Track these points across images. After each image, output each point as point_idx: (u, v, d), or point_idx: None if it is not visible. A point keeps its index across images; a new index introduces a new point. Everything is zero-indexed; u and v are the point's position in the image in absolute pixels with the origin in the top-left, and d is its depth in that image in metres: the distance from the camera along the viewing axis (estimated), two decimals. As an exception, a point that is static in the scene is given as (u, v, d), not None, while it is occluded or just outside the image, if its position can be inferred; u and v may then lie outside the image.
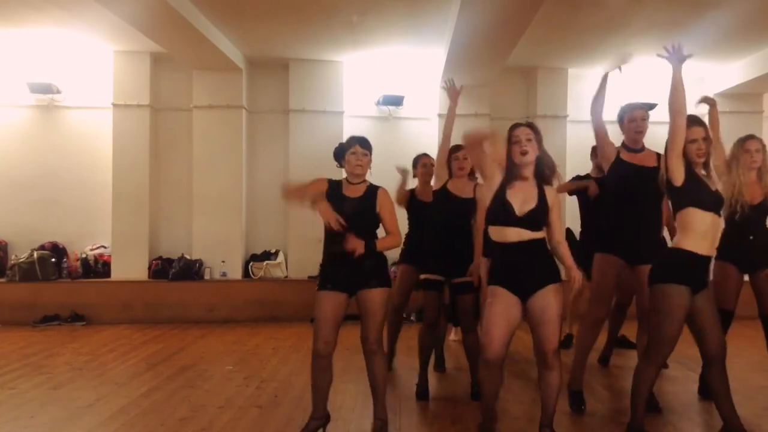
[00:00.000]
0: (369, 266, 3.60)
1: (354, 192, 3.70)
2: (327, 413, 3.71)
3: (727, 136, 4.50)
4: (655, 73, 8.87)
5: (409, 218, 5.42)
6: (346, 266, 3.58)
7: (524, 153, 3.34)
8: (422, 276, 4.68)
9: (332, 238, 3.62)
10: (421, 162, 5.41)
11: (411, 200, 5.42)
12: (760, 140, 4.32)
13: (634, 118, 4.32)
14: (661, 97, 9.47)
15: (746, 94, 8.88)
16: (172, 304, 8.07)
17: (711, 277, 3.62)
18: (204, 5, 6.53)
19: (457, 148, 4.65)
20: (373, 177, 3.85)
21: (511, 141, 3.38)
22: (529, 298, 3.32)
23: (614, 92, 8.92)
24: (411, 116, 8.86)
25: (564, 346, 6.33)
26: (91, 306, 7.93)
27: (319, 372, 3.60)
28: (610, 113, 9.87)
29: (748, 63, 8.22)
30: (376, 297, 3.61)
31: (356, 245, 3.48)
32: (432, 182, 5.11)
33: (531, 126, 3.43)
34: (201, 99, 8.38)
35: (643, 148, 4.34)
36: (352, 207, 3.64)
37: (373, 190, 3.71)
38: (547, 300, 3.29)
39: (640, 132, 4.31)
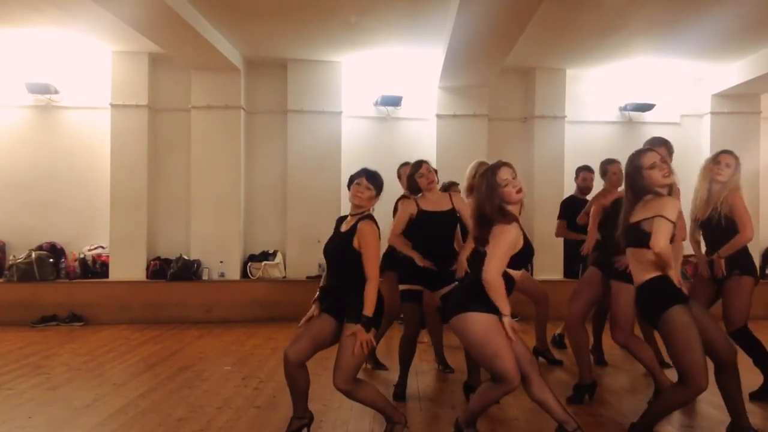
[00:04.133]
0: (355, 303, 3.46)
1: (347, 226, 3.63)
2: (310, 413, 3.71)
3: (726, 137, 4.57)
4: (653, 74, 8.91)
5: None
6: (334, 298, 3.58)
7: (520, 191, 3.36)
8: (402, 287, 4.67)
9: (329, 271, 3.69)
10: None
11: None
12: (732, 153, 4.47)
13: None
14: (658, 97, 9.50)
15: (745, 95, 8.88)
16: (171, 304, 8.07)
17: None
18: (202, 6, 6.53)
19: (418, 164, 4.64)
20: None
21: (500, 183, 3.33)
22: None
23: (614, 92, 9.05)
24: (409, 117, 8.86)
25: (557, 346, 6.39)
26: (90, 306, 7.92)
27: (288, 378, 3.57)
28: (609, 114, 9.82)
29: (746, 63, 8.22)
30: (350, 332, 3.43)
31: (362, 338, 3.38)
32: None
33: (508, 164, 3.41)
34: (199, 99, 8.38)
35: None
36: (333, 243, 3.62)
37: (357, 224, 3.55)
38: None
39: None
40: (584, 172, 6.38)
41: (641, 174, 3.37)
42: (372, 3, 6.41)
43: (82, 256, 8.30)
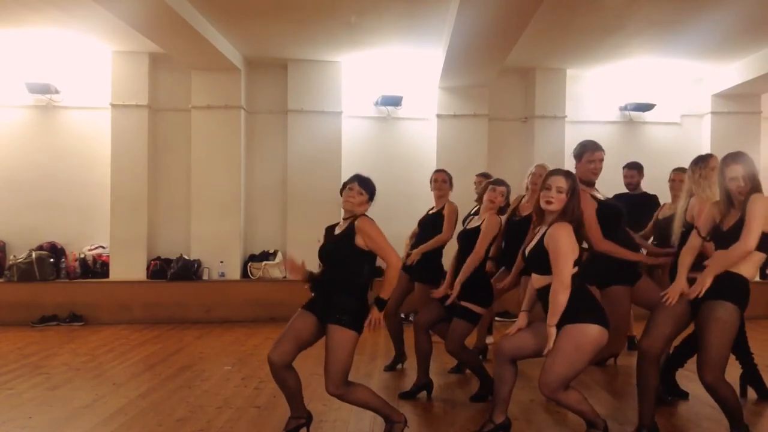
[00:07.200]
0: (340, 302, 3.44)
1: (340, 229, 3.63)
2: (308, 413, 3.71)
3: (726, 137, 4.51)
4: (653, 74, 8.91)
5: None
6: (320, 294, 3.57)
7: (549, 202, 3.38)
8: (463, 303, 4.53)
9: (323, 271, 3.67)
10: (432, 177, 5.58)
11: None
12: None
13: (593, 159, 4.24)
14: (658, 97, 9.49)
15: (744, 95, 8.88)
16: (171, 304, 8.07)
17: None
18: (202, 5, 6.53)
19: (497, 182, 4.71)
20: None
21: (543, 186, 3.41)
22: None
23: (614, 92, 9.05)
24: (409, 117, 8.86)
25: None
26: (90, 306, 7.92)
27: (277, 380, 3.58)
28: (609, 114, 9.81)
29: (746, 63, 8.22)
30: (335, 334, 3.40)
31: (375, 317, 3.45)
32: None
33: (568, 176, 3.40)
34: (199, 99, 8.38)
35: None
36: (330, 245, 3.60)
37: (353, 222, 3.53)
38: (555, 342, 3.28)
39: (597, 174, 4.29)
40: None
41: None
42: (372, 3, 6.41)
43: (82, 256, 8.30)
